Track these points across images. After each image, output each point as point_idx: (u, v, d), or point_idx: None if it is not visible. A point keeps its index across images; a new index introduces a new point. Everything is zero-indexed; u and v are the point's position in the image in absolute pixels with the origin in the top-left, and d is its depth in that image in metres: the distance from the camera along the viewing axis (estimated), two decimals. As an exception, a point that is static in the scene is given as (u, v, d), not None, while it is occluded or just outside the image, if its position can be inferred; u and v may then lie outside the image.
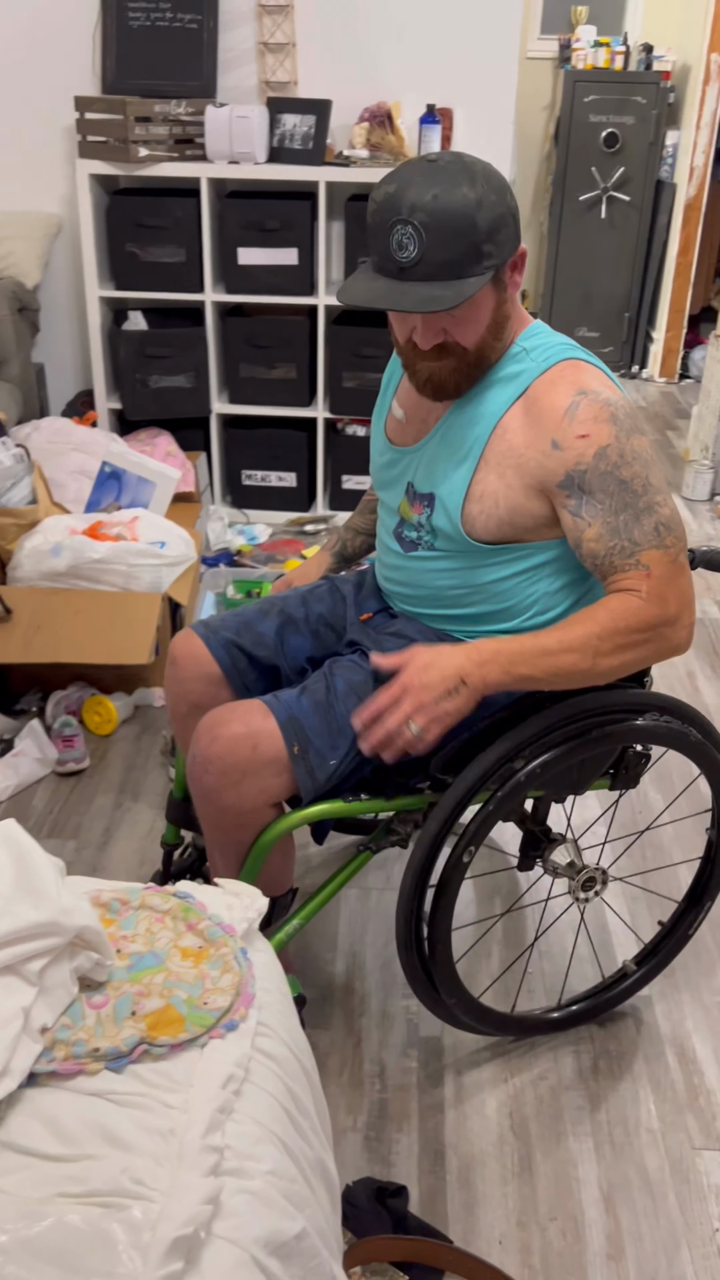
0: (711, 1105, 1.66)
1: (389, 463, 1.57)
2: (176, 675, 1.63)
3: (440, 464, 1.46)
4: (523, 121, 5.66)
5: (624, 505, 1.35)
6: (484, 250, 1.30)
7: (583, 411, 1.35)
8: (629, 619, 1.36)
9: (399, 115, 3.35)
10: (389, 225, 1.28)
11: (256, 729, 1.42)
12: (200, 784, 1.45)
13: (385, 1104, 1.65)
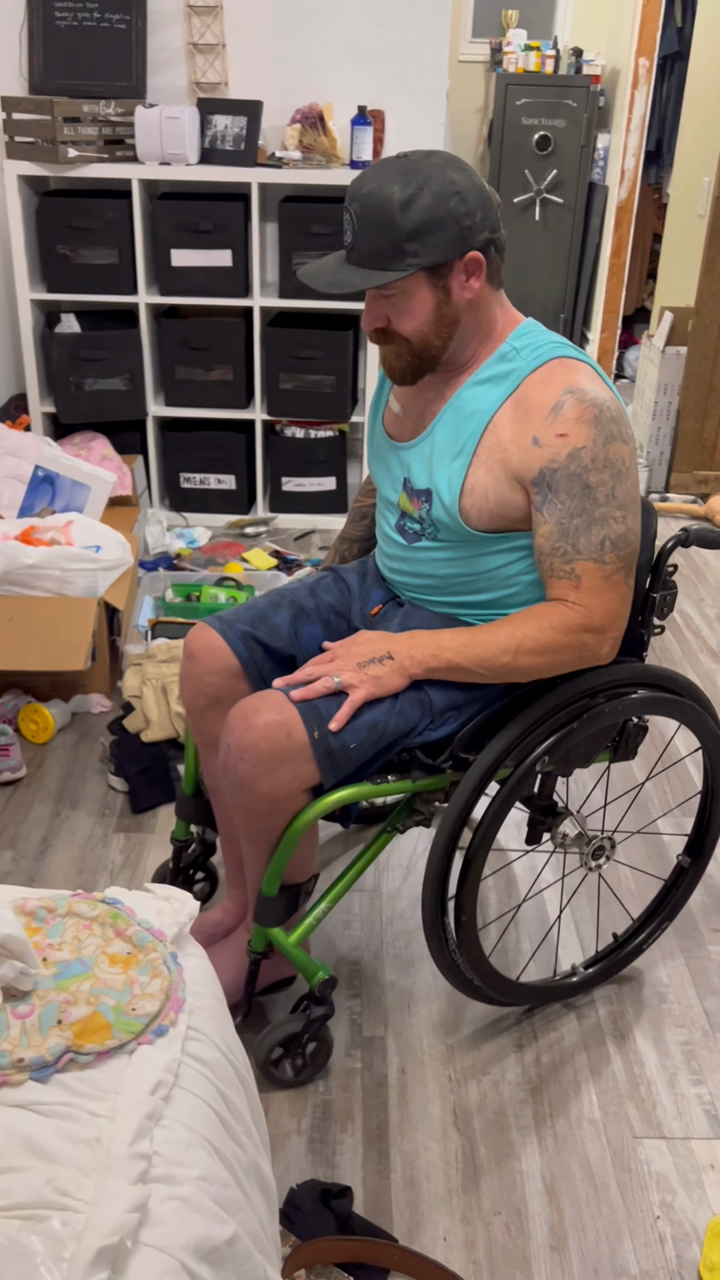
0: (652, 1095, 1.67)
1: (387, 457, 1.62)
2: (194, 670, 1.63)
3: (436, 460, 1.52)
4: (456, 124, 5.70)
5: (580, 510, 1.40)
6: (406, 248, 1.35)
7: (567, 410, 1.39)
8: (554, 624, 1.45)
9: (331, 117, 3.35)
10: (344, 208, 1.39)
11: (289, 716, 1.45)
12: (235, 772, 1.46)
13: (329, 1105, 1.64)
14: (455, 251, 1.38)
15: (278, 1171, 1.54)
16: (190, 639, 1.64)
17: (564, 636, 1.45)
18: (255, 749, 1.44)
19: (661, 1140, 1.60)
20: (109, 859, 2.12)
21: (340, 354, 3.40)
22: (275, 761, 1.44)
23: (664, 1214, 1.50)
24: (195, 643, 1.63)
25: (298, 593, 1.70)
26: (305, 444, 3.59)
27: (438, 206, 1.34)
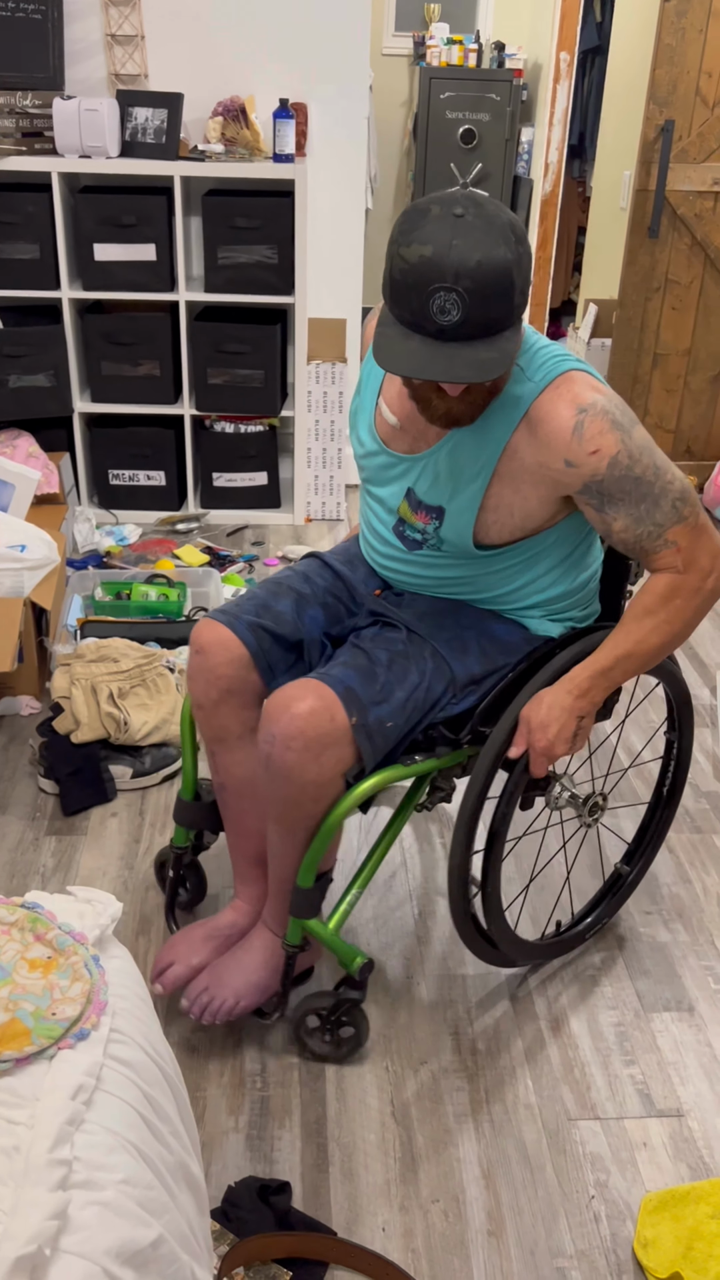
0: (586, 1077, 1.70)
1: (383, 465, 1.60)
2: (206, 664, 1.62)
3: (448, 481, 1.53)
4: (381, 117, 5.70)
5: (643, 497, 1.46)
6: (517, 303, 1.33)
7: (588, 428, 1.43)
8: (677, 592, 1.51)
9: (253, 109, 3.33)
10: (429, 290, 1.28)
11: (330, 701, 1.48)
12: (281, 761, 1.48)
13: (267, 1102, 1.64)
14: (526, 300, 1.39)
15: (215, 1170, 1.53)
16: (198, 633, 1.64)
17: (696, 598, 1.51)
18: (301, 735, 1.46)
19: (596, 1121, 1.63)
20: (40, 862, 2.09)
21: (268, 347, 3.39)
22: (320, 747, 1.47)
23: (599, 1193, 1.52)
24: (204, 636, 1.63)
25: (292, 579, 1.71)
26: (236, 439, 3.56)
27: (527, 250, 1.33)
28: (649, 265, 3.73)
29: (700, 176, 3.60)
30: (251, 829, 1.71)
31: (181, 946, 1.72)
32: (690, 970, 1.90)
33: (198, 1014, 1.64)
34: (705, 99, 3.51)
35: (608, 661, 1.53)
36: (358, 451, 1.67)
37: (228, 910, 1.77)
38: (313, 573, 1.74)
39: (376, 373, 1.61)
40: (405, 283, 1.29)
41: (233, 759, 1.67)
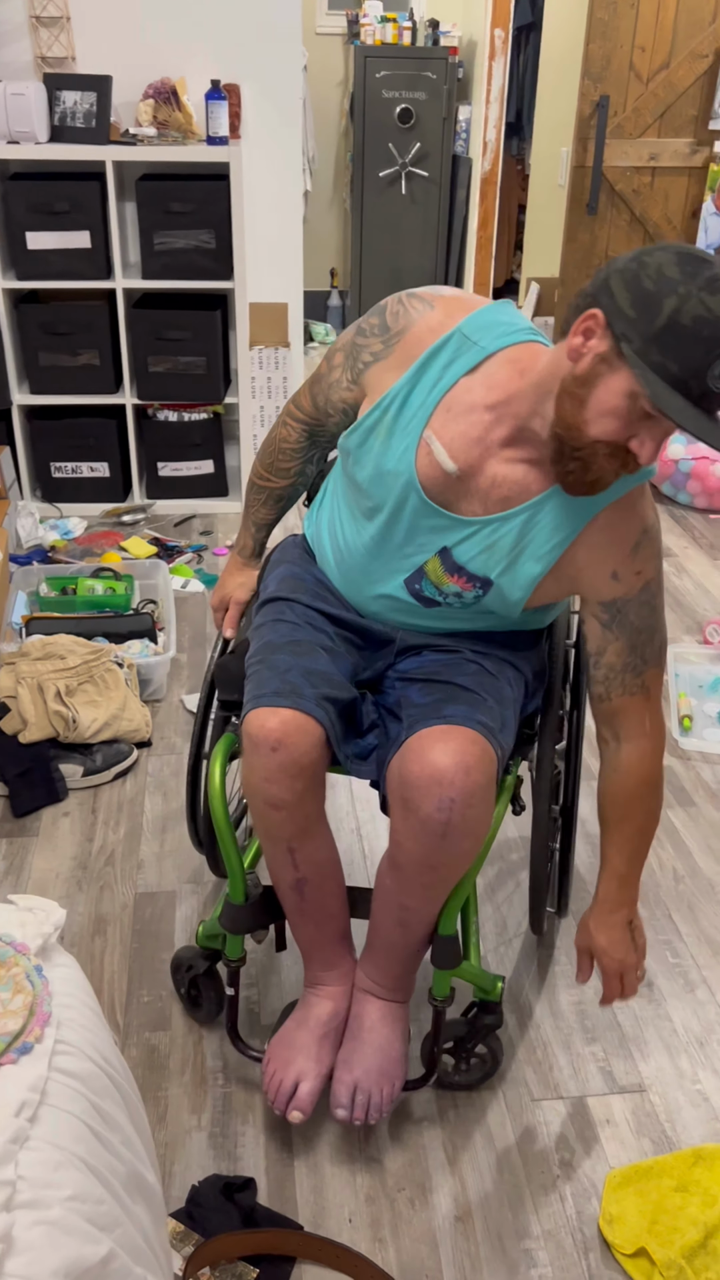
0: (548, 1056, 1.70)
1: (417, 511, 1.39)
2: (289, 758, 1.37)
3: (508, 555, 1.39)
4: (317, 98, 5.64)
5: (646, 628, 1.42)
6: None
7: (644, 550, 1.39)
8: (657, 768, 1.46)
9: (184, 91, 3.27)
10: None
11: (482, 744, 1.35)
12: (462, 822, 1.34)
13: (229, 1098, 1.62)
14: None
15: (179, 1170, 1.52)
16: (263, 726, 1.37)
17: (661, 772, 1.47)
18: (478, 788, 1.33)
19: (559, 1100, 1.63)
20: (-9, 866, 2.05)
21: (209, 334, 3.34)
22: (490, 792, 1.36)
23: (563, 1173, 1.53)
24: (275, 728, 1.37)
25: (305, 634, 1.50)
26: (180, 427, 3.52)
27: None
28: (589, 242, 3.73)
29: (637, 152, 3.60)
30: (335, 911, 1.54)
31: (298, 1060, 1.52)
32: (649, 945, 1.91)
33: (361, 1117, 1.49)
34: (639, 73, 3.51)
35: (627, 867, 1.48)
36: (363, 478, 1.42)
37: (319, 1001, 1.56)
38: (313, 621, 1.53)
39: (427, 397, 1.35)
40: (697, 334, 1.13)
41: (315, 847, 1.47)
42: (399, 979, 1.54)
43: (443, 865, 1.39)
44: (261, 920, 1.60)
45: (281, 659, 1.45)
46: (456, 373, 1.33)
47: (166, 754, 2.40)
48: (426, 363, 1.35)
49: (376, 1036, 1.53)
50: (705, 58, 3.48)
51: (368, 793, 2.29)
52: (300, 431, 1.59)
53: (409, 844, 1.38)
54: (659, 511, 3.71)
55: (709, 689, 2.66)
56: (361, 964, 1.57)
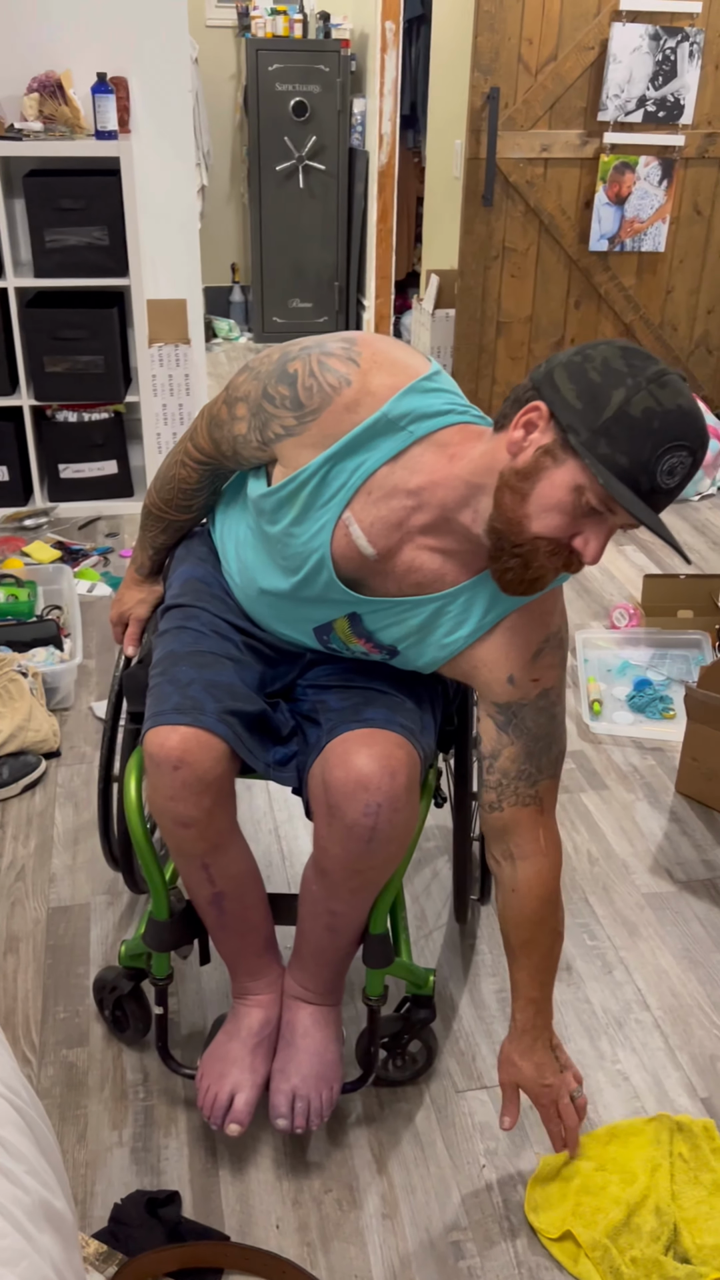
0: (470, 1046, 1.71)
1: (326, 582, 1.33)
2: (192, 776, 1.33)
3: (411, 636, 1.38)
4: (210, 91, 5.57)
5: (544, 735, 1.38)
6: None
7: (545, 658, 1.36)
8: (556, 888, 1.43)
9: (70, 85, 3.20)
10: (669, 445, 1.11)
11: (406, 746, 1.34)
12: (388, 826, 1.32)
13: (150, 1111, 1.59)
14: None
15: (100, 1189, 1.48)
16: (163, 745, 1.33)
17: (556, 882, 1.43)
18: (403, 791, 1.32)
19: (483, 1090, 1.64)
20: None
21: (107, 332, 3.28)
22: (414, 794, 1.35)
23: (489, 1162, 1.53)
24: (175, 746, 1.32)
25: (210, 643, 1.45)
26: (81, 428, 3.45)
27: None
28: (485, 234, 3.75)
29: (529, 143, 3.63)
30: (257, 921, 1.51)
31: (232, 1072, 1.49)
32: (566, 929, 1.93)
33: (303, 1124, 1.47)
34: (528, 65, 3.54)
35: (540, 992, 1.44)
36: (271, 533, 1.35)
37: (249, 1011, 1.53)
38: (219, 629, 1.48)
39: (341, 483, 1.28)
40: (647, 426, 1.10)
41: (229, 860, 1.44)
42: (329, 983, 1.52)
43: (370, 869, 1.37)
44: (186, 935, 1.56)
45: (183, 671, 1.40)
46: (380, 458, 1.25)
47: (76, 764, 2.34)
48: (348, 446, 1.25)
49: (311, 1042, 1.51)
50: (591, 50, 3.52)
51: (285, 793, 2.27)
52: (200, 472, 1.49)
53: (335, 850, 1.36)
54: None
55: (616, 673, 2.70)
56: (290, 970, 1.54)
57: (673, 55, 3.55)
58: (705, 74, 3.64)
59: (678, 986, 1.82)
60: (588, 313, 3.94)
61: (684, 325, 4.05)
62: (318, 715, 1.44)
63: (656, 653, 2.78)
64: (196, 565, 1.57)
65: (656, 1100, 1.62)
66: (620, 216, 3.76)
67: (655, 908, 1.98)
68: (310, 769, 1.39)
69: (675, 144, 3.68)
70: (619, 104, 3.60)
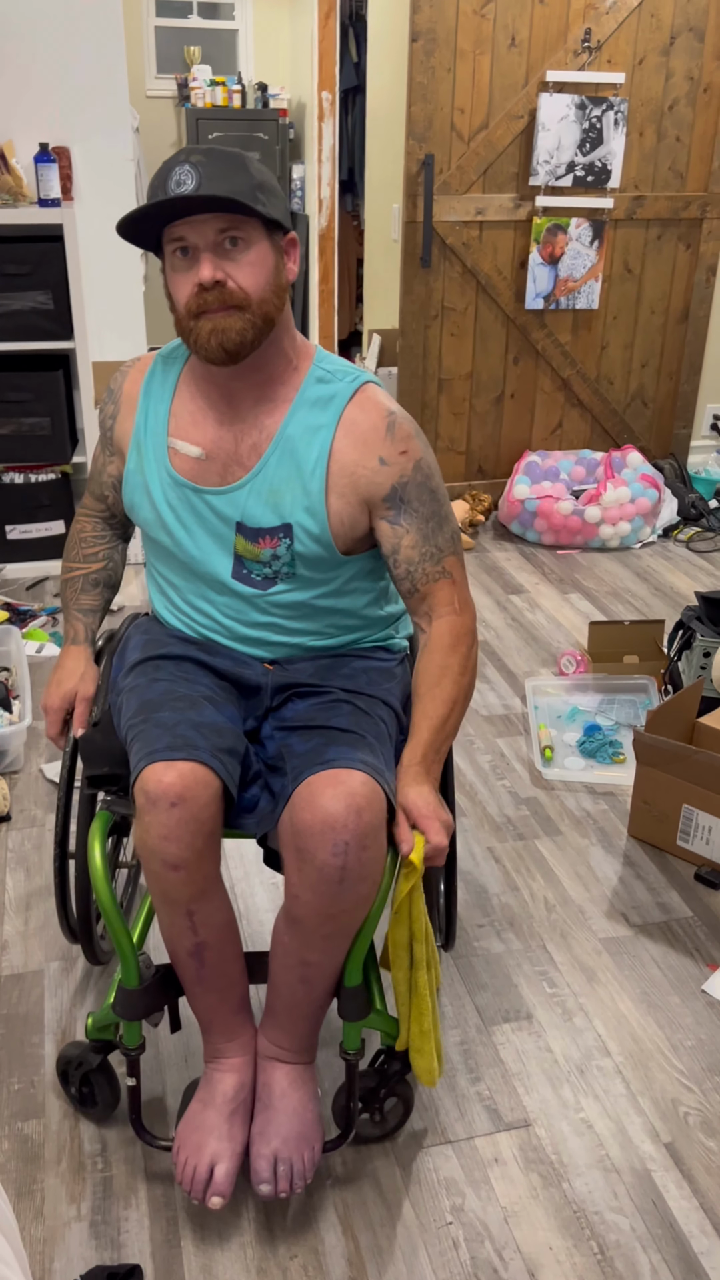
0: (434, 1101, 1.69)
1: (193, 507, 1.51)
2: (188, 814, 1.34)
3: (284, 493, 1.48)
4: (151, 159, 5.68)
5: (433, 514, 1.50)
6: (258, 195, 1.36)
7: (399, 430, 1.48)
8: (461, 637, 1.51)
9: (12, 154, 3.25)
10: (167, 172, 1.34)
11: (370, 785, 1.36)
12: (357, 865, 1.34)
13: (110, 1182, 1.56)
14: (288, 223, 1.43)
15: (59, 1266, 1.44)
16: (160, 782, 1.33)
17: (466, 641, 1.52)
18: (370, 830, 1.34)
19: (447, 1145, 1.62)
20: None
21: (52, 394, 3.29)
22: (381, 833, 1.37)
23: (455, 1218, 1.52)
24: (175, 784, 1.33)
25: (182, 686, 1.49)
26: (27, 489, 3.45)
27: (272, 176, 1.42)
28: (425, 294, 3.84)
29: (464, 207, 3.74)
30: (236, 977, 1.50)
31: (209, 1142, 1.46)
32: (525, 978, 1.93)
33: (286, 1189, 1.44)
34: (460, 133, 3.66)
35: (428, 734, 1.47)
36: (147, 517, 1.55)
37: (222, 1076, 1.50)
38: (182, 672, 1.53)
39: (158, 415, 1.53)
40: (150, 187, 1.36)
41: (213, 908, 1.43)
42: (304, 1039, 1.50)
43: (342, 913, 1.38)
44: (158, 1002, 1.53)
45: (166, 715, 1.42)
46: (170, 383, 1.54)
47: (27, 827, 2.31)
48: (146, 389, 1.55)
49: (289, 1103, 1.49)
50: (521, 118, 3.66)
51: (241, 849, 2.26)
52: (93, 521, 1.73)
53: (306, 895, 1.36)
54: (510, 549, 3.82)
55: (566, 719, 2.73)
56: (263, 1029, 1.53)
57: (599, 123, 3.70)
58: (630, 140, 3.79)
59: (637, 1031, 1.82)
60: (526, 368, 4.04)
61: (619, 379, 4.17)
62: (283, 762, 1.46)
63: (604, 698, 2.82)
64: (145, 634, 1.63)
65: (620, 1147, 1.62)
66: (554, 276, 3.87)
67: (613, 952, 1.99)
68: (280, 818, 1.40)
69: (605, 206, 3.82)
70: (549, 169, 3.73)
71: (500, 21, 3.55)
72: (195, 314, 1.39)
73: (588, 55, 3.65)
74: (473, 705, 2.81)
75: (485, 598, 3.46)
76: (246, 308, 1.38)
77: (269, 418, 1.48)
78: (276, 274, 1.41)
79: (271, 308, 1.41)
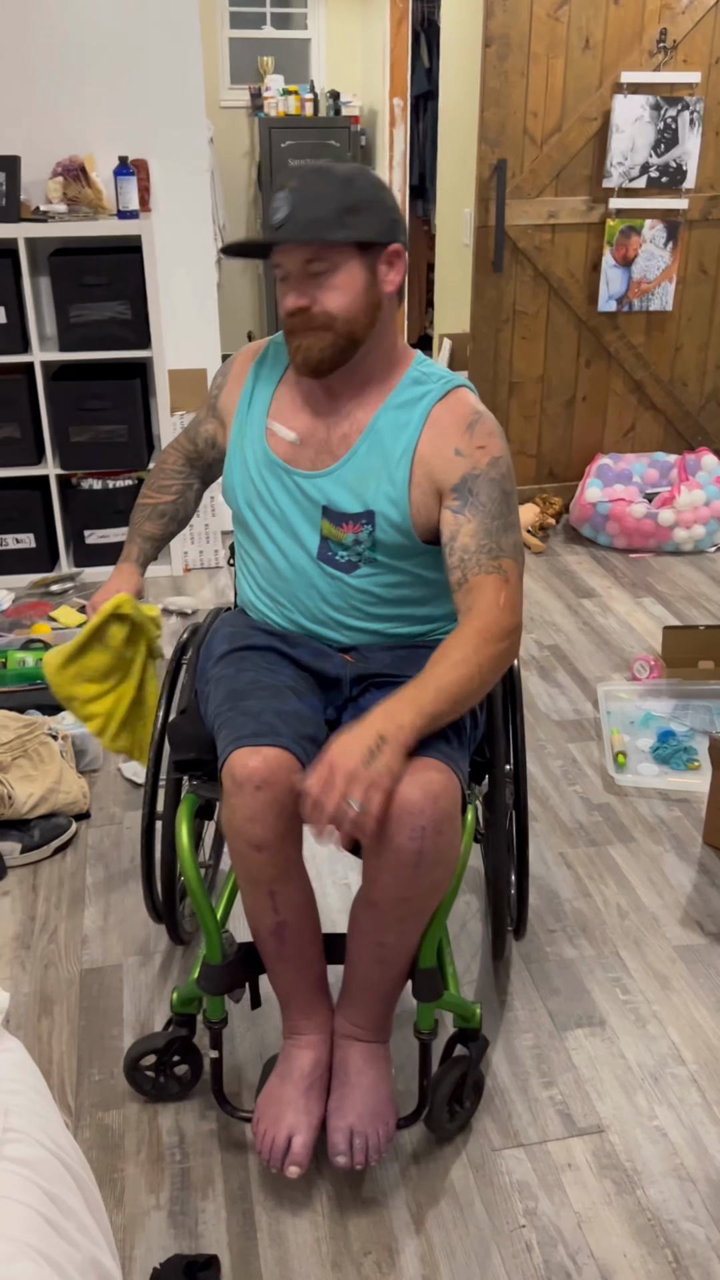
0: (507, 1104, 1.70)
1: (288, 488, 1.58)
2: (272, 798, 1.39)
3: (369, 483, 1.54)
4: (225, 169, 5.76)
5: (500, 514, 1.51)
6: (346, 220, 1.42)
7: (480, 428, 1.53)
8: (493, 634, 1.46)
9: (93, 168, 3.33)
10: (271, 198, 1.43)
11: (445, 770, 1.40)
12: (433, 849, 1.37)
13: (188, 1173, 1.59)
14: (387, 235, 1.47)
15: (139, 1253, 1.48)
16: (246, 766, 1.38)
17: (503, 643, 1.46)
18: (447, 816, 1.37)
19: (520, 1148, 1.63)
20: (-70, 952, 2.00)
21: (130, 402, 3.37)
22: (457, 818, 1.41)
23: (528, 1221, 1.52)
24: (259, 768, 1.38)
25: (268, 676, 1.54)
26: (105, 495, 3.52)
27: (374, 190, 1.45)
28: (496, 298, 3.84)
29: (536, 210, 3.74)
30: (314, 956, 1.54)
31: (287, 1115, 1.51)
32: (598, 984, 1.93)
33: (362, 1160, 1.49)
34: (533, 137, 3.65)
35: (420, 687, 1.40)
36: (240, 493, 1.63)
37: (300, 1052, 1.54)
38: (272, 664, 1.59)
39: (262, 396, 1.63)
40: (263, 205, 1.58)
41: (295, 889, 1.48)
42: (379, 1019, 1.55)
43: (417, 896, 1.42)
44: (239, 978, 1.60)
45: (252, 704, 1.48)
46: (279, 370, 1.63)
47: (106, 825, 2.37)
48: (255, 370, 1.65)
49: (364, 1079, 1.54)
50: (594, 121, 3.64)
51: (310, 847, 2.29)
52: (176, 455, 1.84)
53: (383, 878, 1.41)
54: (581, 552, 3.80)
55: (640, 724, 2.71)
56: (340, 1009, 1.57)
57: (674, 123, 3.66)
58: (706, 140, 3.75)
59: (713, 1040, 1.81)
60: (598, 371, 4.01)
61: (694, 381, 4.12)
62: None
63: (679, 704, 2.79)
64: (232, 626, 1.70)
65: (696, 1156, 1.61)
66: (628, 278, 3.84)
67: (687, 960, 1.98)
68: None
69: (679, 208, 3.78)
70: (623, 171, 3.70)
71: (574, 24, 3.54)
72: (288, 333, 1.51)
73: (663, 55, 3.62)
74: (543, 709, 2.80)
75: (556, 601, 3.45)
76: (331, 328, 1.47)
77: (361, 412, 1.56)
78: (367, 291, 1.47)
79: (359, 325, 1.48)
